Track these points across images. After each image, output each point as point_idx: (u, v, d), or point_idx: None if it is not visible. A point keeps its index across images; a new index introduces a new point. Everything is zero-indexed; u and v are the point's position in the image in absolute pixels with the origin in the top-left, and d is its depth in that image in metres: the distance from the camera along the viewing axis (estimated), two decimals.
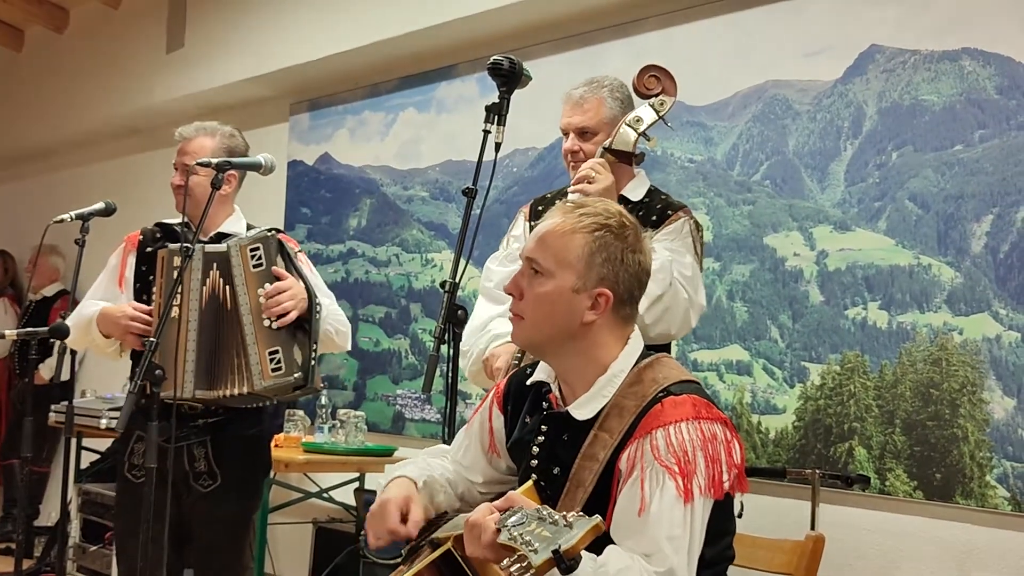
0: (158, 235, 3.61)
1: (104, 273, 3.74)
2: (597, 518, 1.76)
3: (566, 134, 3.36)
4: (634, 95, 3.29)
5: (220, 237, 3.59)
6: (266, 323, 3.32)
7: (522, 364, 3.02)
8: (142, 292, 3.55)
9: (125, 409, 2.79)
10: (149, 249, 3.57)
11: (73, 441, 5.81)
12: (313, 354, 3.40)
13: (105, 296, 3.66)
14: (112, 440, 6.26)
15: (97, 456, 6.46)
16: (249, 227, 3.68)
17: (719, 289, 4.44)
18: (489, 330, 3.33)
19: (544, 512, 1.80)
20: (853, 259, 4.08)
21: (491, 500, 2.44)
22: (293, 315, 3.34)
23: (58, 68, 8.54)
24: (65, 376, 3.86)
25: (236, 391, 3.32)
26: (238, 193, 3.74)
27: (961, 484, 3.71)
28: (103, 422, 5.40)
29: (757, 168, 4.43)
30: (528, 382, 2.41)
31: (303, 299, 3.37)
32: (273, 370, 3.29)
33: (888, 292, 3.97)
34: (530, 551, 1.72)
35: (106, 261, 3.73)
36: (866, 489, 3.90)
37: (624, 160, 3.19)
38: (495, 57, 3.04)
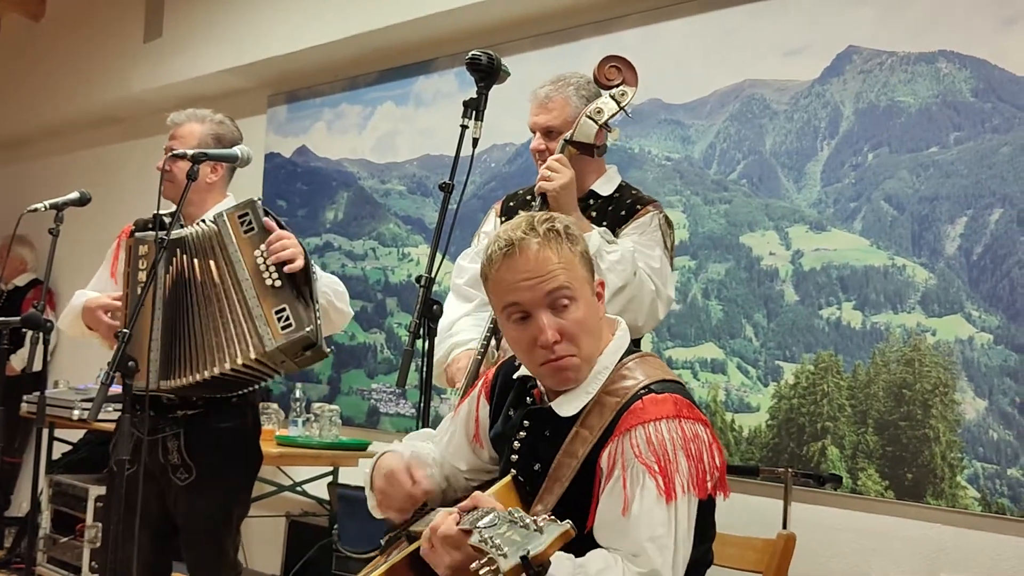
0: (149, 226, 3.57)
1: (102, 265, 3.73)
2: (567, 523, 1.73)
3: (534, 132, 3.34)
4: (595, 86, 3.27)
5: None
6: (268, 281, 3.23)
7: (482, 363, 3.02)
8: None
9: (97, 400, 2.78)
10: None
11: (45, 432, 5.76)
12: (318, 312, 3.27)
13: (99, 287, 3.65)
14: (84, 431, 6.24)
15: (69, 447, 6.42)
16: None
17: (694, 287, 4.45)
18: (452, 334, 3.30)
19: (516, 515, 1.78)
20: (828, 259, 4.09)
21: (476, 487, 2.44)
22: (300, 262, 3.24)
23: (35, 56, 8.48)
24: (37, 366, 3.83)
25: (233, 364, 3.22)
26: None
27: (932, 484, 3.73)
28: (75, 413, 5.36)
29: (734, 167, 4.44)
30: (515, 375, 2.39)
31: (302, 251, 3.27)
32: (283, 328, 3.18)
33: (862, 292, 3.99)
34: (499, 555, 1.70)
35: (79, 251, 3.71)
36: (838, 488, 3.92)
37: (586, 152, 3.16)
38: (473, 52, 3.03)
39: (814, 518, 3.95)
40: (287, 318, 3.20)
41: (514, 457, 2.29)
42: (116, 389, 2.86)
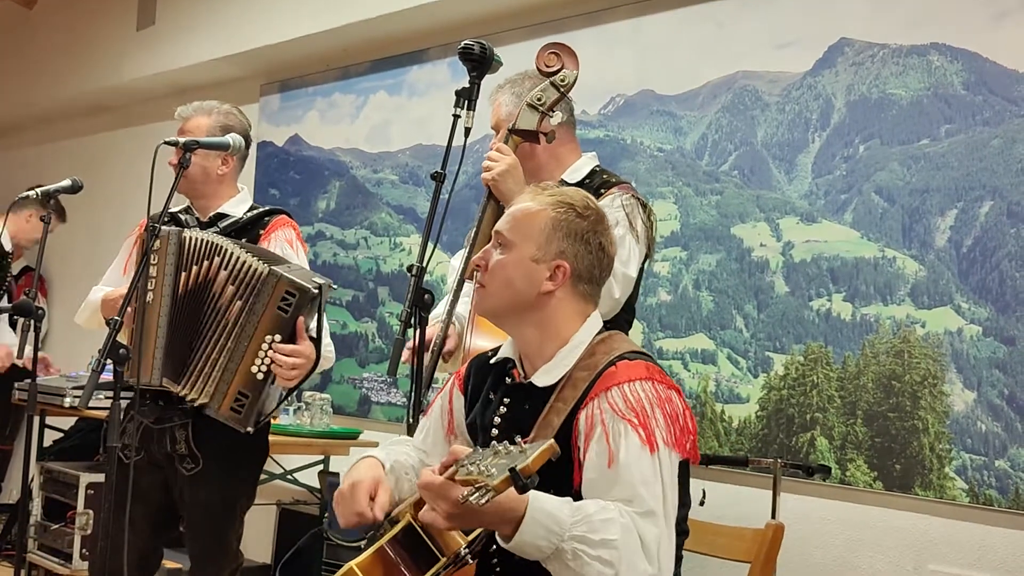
0: (166, 220, 3.55)
1: (116, 258, 3.75)
2: (551, 440, 1.80)
3: None
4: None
5: (218, 217, 3.59)
6: (253, 368, 3.25)
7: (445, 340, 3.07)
8: None
9: (88, 387, 2.77)
10: None
11: (36, 419, 5.76)
12: (277, 408, 3.43)
13: (111, 281, 3.68)
14: (76, 419, 6.23)
15: (60, 434, 6.42)
16: (252, 208, 3.66)
17: (685, 278, 4.46)
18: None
19: (499, 447, 1.85)
20: (819, 251, 4.10)
21: None
22: (291, 384, 3.30)
23: (27, 44, 8.45)
24: (29, 353, 3.83)
25: (194, 397, 3.30)
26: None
27: (920, 475, 3.75)
28: (67, 400, 5.36)
29: (725, 158, 4.45)
30: (492, 361, 2.46)
31: (308, 369, 3.29)
32: (232, 409, 3.25)
33: (852, 284, 4.00)
34: (487, 477, 1.76)
35: (71, 238, 3.71)
36: (827, 479, 3.93)
37: (531, 139, 3.13)
38: (466, 42, 3.03)
39: (803, 509, 3.97)
40: (242, 405, 3.26)
41: (494, 432, 2.34)
42: (108, 376, 2.86)
